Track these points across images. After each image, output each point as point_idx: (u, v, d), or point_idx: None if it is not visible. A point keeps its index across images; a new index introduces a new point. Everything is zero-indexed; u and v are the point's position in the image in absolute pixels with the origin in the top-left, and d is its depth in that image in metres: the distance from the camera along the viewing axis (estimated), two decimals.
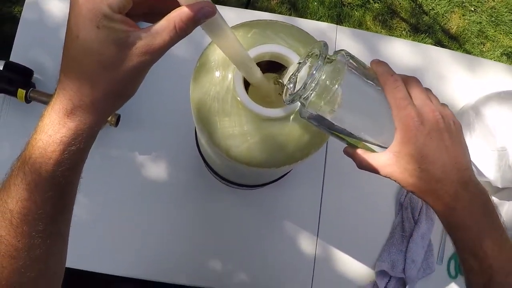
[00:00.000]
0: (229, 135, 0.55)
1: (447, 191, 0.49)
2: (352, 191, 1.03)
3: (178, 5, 0.41)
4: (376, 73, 0.51)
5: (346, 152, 0.56)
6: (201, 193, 1.00)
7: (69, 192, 0.46)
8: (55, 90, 0.78)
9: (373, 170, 0.53)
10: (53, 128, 0.41)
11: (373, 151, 0.53)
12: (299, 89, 0.48)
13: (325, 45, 0.50)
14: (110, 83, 0.41)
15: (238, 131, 0.55)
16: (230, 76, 0.55)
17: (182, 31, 0.41)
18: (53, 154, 0.41)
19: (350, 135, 0.52)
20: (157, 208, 0.99)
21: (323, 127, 0.52)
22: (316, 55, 0.50)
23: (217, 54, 0.57)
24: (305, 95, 0.49)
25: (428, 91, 0.52)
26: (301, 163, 0.60)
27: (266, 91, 0.57)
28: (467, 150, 0.51)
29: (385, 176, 0.52)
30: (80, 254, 0.92)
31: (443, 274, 1.00)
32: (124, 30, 0.39)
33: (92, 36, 0.38)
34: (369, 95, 0.52)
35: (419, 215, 1.00)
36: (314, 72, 0.48)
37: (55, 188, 0.43)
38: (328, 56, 0.49)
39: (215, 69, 0.56)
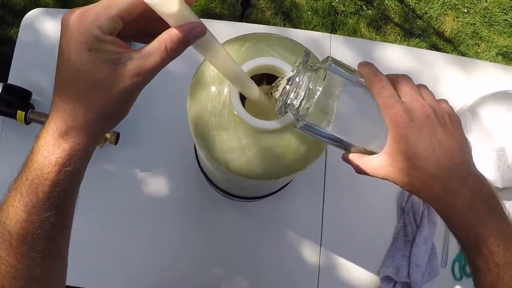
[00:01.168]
0: (227, 149, 0.56)
1: (445, 188, 0.47)
2: (353, 199, 1.03)
3: (169, 26, 0.41)
4: (363, 76, 0.50)
5: (343, 158, 0.55)
6: (202, 207, 1.00)
7: (67, 212, 0.46)
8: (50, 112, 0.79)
9: (370, 173, 0.52)
10: (48, 149, 0.42)
11: (373, 153, 0.52)
12: (285, 99, 0.49)
13: (307, 53, 0.50)
14: (103, 105, 0.42)
15: (236, 145, 0.55)
16: (226, 90, 0.56)
17: (173, 52, 0.42)
18: (49, 175, 0.42)
19: (344, 142, 0.52)
20: (159, 223, 1.00)
21: (317, 136, 0.52)
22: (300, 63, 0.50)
23: (212, 69, 0.58)
24: (292, 105, 0.49)
25: (421, 87, 0.51)
26: (300, 174, 0.61)
27: (262, 104, 0.57)
28: (465, 143, 0.49)
29: (383, 178, 0.51)
30: (80, 272, 0.93)
31: (448, 276, 1.00)
32: (115, 52, 0.40)
33: (84, 58, 0.39)
34: (358, 99, 0.51)
35: (421, 219, 1.00)
36: (296, 79, 0.48)
37: (52, 209, 0.44)
38: (312, 64, 0.50)
39: (211, 84, 0.57)
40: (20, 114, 0.97)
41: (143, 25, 0.45)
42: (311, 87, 0.48)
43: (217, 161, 0.57)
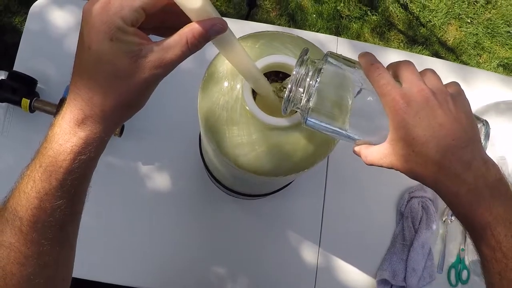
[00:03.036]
0: (237, 144, 0.56)
1: (447, 173, 0.45)
2: (353, 201, 1.04)
3: (190, 21, 0.42)
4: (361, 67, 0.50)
5: (353, 151, 0.54)
6: (204, 202, 1.01)
7: (78, 201, 0.47)
8: (60, 101, 0.79)
9: (376, 163, 0.50)
10: (63, 137, 0.42)
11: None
12: (286, 96, 0.50)
13: (305, 50, 0.51)
14: (121, 94, 0.42)
15: (247, 140, 0.55)
16: (238, 86, 0.56)
17: (193, 47, 0.42)
18: (64, 162, 0.42)
19: (351, 136, 0.52)
20: (160, 217, 1.00)
21: (324, 131, 0.52)
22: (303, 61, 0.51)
23: (225, 64, 0.58)
24: (294, 101, 0.50)
25: (426, 71, 0.49)
26: (307, 172, 0.61)
27: (273, 101, 0.58)
28: (471, 125, 0.47)
29: (389, 167, 0.49)
30: (83, 264, 0.93)
31: (444, 282, 1.01)
32: (136, 43, 0.40)
33: (105, 47, 0.39)
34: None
35: (419, 224, 1.01)
36: (294, 73, 0.49)
37: (65, 196, 0.44)
38: (312, 60, 0.50)
39: (224, 79, 0.57)
40: (25, 101, 0.96)
41: (164, 19, 0.45)
42: (311, 82, 0.49)
43: (226, 156, 0.57)
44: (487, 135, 0.49)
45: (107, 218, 0.99)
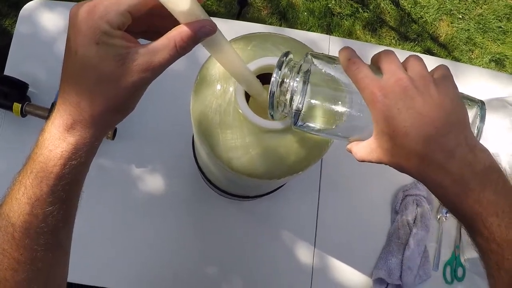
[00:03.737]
0: (231, 147, 0.56)
1: (430, 165, 0.43)
2: (347, 200, 1.04)
3: (178, 23, 0.41)
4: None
5: (346, 149, 0.52)
6: (197, 204, 1.00)
7: (71, 205, 0.46)
8: (52, 105, 0.78)
9: (366, 159, 0.48)
10: (53, 142, 0.42)
11: None
12: (270, 101, 0.49)
13: (285, 53, 0.50)
14: (110, 99, 0.41)
15: (240, 143, 0.55)
16: (231, 89, 0.56)
17: (182, 49, 0.41)
18: (54, 168, 0.42)
19: (339, 135, 0.51)
20: (154, 220, 0.99)
21: (313, 132, 0.52)
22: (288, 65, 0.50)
23: (217, 67, 0.58)
24: (280, 105, 0.50)
25: (409, 58, 0.47)
26: (301, 174, 0.61)
27: (266, 103, 0.57)
28: (456, 110, 0.44)
29: (378, 163, 0.47)
30: (76, 268, 0.92)
31: (439, 280, 1.01)
32: (123, 46, 0.40)
33: (92, 52, 0.39)
34: (339, 87, 0.50)
35: (414, 222, 1.01)
36: (274, 75, 0.48)
37: (56, 202, 0.43)
38: (294, 63, 0.50)
39: (217, 82, 0.57)
40: (17, 106, 0.96)
41: (152, 22, 0.45)
42: (291, 84, 0.49)
43: (220, 159, 0.57)
44: (483, 118, 0.47)
45: (100, 221, 0.98)
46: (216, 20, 1.16)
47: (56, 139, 0.42)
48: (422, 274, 0.99)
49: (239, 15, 1.64)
